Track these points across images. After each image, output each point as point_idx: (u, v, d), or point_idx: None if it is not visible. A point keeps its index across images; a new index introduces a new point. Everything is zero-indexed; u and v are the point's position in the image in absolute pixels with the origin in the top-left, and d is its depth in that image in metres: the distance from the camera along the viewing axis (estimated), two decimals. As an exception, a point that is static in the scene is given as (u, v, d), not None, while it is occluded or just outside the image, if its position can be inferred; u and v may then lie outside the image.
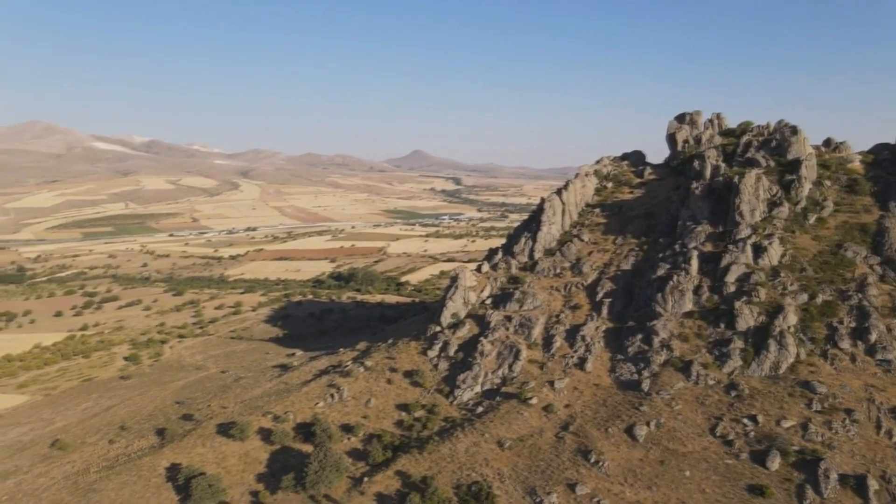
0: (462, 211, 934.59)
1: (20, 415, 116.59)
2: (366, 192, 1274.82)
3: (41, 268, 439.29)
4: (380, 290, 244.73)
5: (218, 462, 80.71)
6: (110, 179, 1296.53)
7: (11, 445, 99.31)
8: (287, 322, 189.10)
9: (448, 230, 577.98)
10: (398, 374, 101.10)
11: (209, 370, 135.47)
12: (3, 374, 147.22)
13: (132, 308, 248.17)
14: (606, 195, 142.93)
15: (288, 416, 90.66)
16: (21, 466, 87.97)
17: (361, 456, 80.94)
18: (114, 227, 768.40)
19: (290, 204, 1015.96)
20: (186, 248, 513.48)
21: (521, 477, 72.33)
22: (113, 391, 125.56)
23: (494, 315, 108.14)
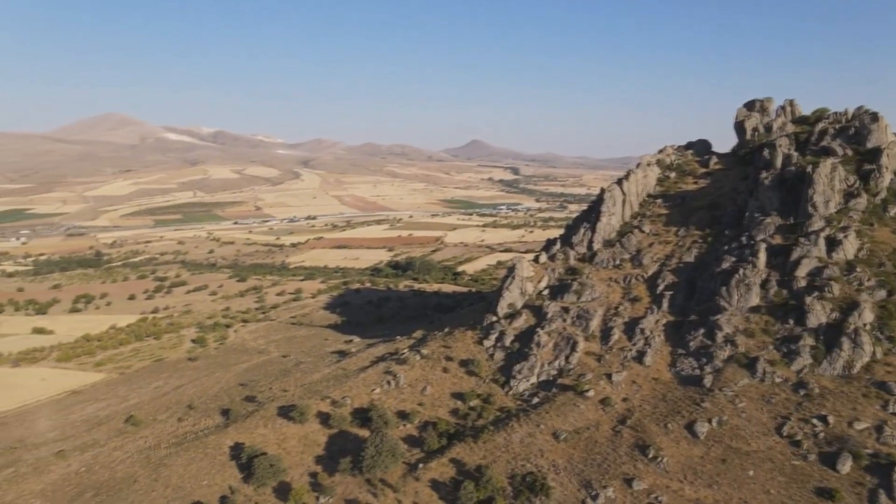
0: (520, 201, 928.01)
1: (98, 391, 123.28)
2: (424, 181, 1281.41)
3: (116, 253, 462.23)
4: (436, 280, 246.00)
5: (279, 443, 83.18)
6: (180, 169, 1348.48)
7: (90, 420, 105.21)
8: (345, 309, 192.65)
9: (505, 220, 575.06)
10: (454, 362, 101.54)
11: (271, 354, 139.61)
12: (83, 352, 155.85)
13: (199, 293, 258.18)
14: (669, 185, 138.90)
15: (346, 401, 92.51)
16: (98, 440, 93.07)
17: (417, 443, 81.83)
18: (183, 214, 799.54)
19: (350, 193, 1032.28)
20: (250, 236, 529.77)
21: (576, 469, 71.60)
22: (181, 372, 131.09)
23: (551, 306, 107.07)
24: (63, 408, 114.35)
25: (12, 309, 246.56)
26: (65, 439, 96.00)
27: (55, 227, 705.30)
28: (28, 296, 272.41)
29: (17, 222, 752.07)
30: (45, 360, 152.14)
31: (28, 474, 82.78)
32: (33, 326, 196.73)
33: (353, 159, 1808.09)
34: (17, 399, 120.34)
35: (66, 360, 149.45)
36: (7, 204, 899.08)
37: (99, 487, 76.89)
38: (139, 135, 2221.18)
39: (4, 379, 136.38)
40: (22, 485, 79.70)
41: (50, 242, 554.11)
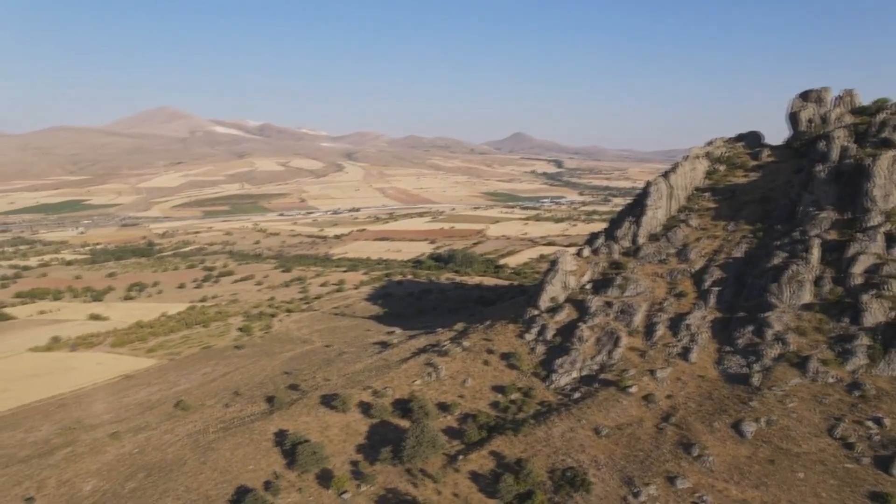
0: (563, 194, 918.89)
1: (150, 376, 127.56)
2: (466, 174, 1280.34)
3: (167, 243, 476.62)
4: (478, 272, 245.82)
5: (321, 431, 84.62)
6: (227, 161, 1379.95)
7: (142, 403, 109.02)
8: (387, 301, 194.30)
9: (548, 213, 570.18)
10: (495, 355, 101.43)
11: (314, 344, 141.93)
12: (136, 338, 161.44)
13: (245, 282, 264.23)
14: (718, 178, 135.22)
15: (387, 391, 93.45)
16: (150, 423, 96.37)
17: (457, 434, 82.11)
18: (230, 206, 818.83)
19: (392, 185, 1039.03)
20: (294, 227, 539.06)
21: (618, 466, 70.75)
22: (228, 359, 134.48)
23: (594, 300, 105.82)
24: (117, 391, 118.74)
25: (71, 295, 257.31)
26: (119, 421, 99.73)
27: (110, 218, 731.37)
28: (85, 283, 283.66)
29: (75, 212, 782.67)
30: (101, 345, 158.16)
31: (85, 454, 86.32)
32: (90, 313, 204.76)
33: (396, 152, 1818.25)
34: (74, 382, 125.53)
35: (120, 346, 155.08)
36: (66, 195, 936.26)
37: (151, 468, 79.69)
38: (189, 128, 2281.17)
39: (63, 362, 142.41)
40: (79, 464, 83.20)
41: (105, 232, 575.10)
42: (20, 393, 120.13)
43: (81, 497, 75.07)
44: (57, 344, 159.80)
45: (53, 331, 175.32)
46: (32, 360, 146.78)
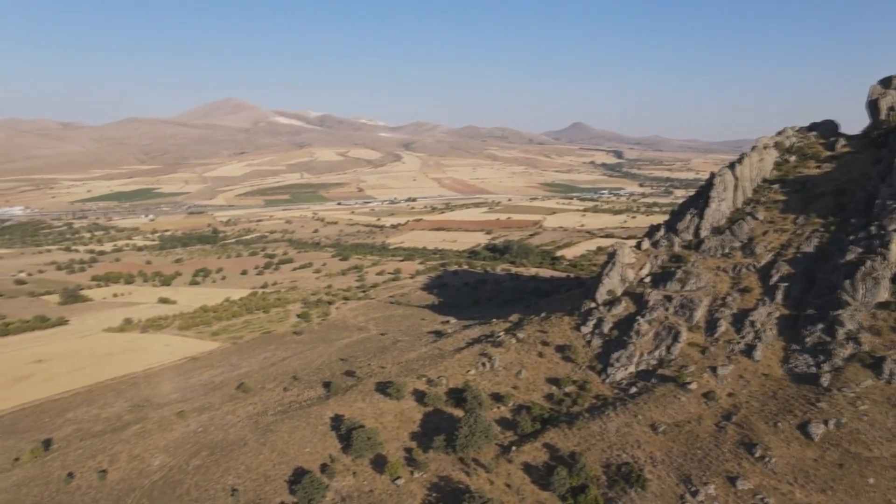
0: (622, 185, 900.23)
1: (213, 359, 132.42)
2: (523, 164, 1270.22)
3: (231, 230, 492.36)
4: (534, 264, 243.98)
5: (376, 417, 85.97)
6: (288, 151, 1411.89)
7: (206, 384, 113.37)
8: (442, 290, 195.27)
9: (607, 205, 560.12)
10: (550, 347, 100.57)
11: (370, 332, 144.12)
12: (201, 322, 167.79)
13: (304, 270, 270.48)
14: (788, 170, 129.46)
15: (441, 380, 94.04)
16: (213, 403, 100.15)
17: (510, 425, 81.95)
18: (290, 195, 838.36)
19: (449, 175, 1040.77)
20: (352, 217, 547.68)
21: (675, 463, 69.12)
22: (287, 345, 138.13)
23: (653, 294, 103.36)
24: (183, 372, 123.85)
25: (142, 280, 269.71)
26: (185, 401, 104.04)
27: (178, 206, 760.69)
28: (155, 268, 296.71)
29: (146, 200, 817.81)
30: (169, 327, 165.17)
31: (153, 431, 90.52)
32: (159, 296, 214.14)
33: (453, 142, 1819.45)
34: (145, 362, 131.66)
35: (186, 329, 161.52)
36: (138, 183, 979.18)
37: (214, 447, 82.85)
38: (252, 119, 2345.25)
39: (135, 343, 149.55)
40: (148, 440, 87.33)
41: (173, 220, 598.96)
42: (96, 371, 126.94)
43: (150, 471, 78.80)
44: (129, 325, 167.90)
45: (126, 313, 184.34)
46: (107, 340, 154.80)
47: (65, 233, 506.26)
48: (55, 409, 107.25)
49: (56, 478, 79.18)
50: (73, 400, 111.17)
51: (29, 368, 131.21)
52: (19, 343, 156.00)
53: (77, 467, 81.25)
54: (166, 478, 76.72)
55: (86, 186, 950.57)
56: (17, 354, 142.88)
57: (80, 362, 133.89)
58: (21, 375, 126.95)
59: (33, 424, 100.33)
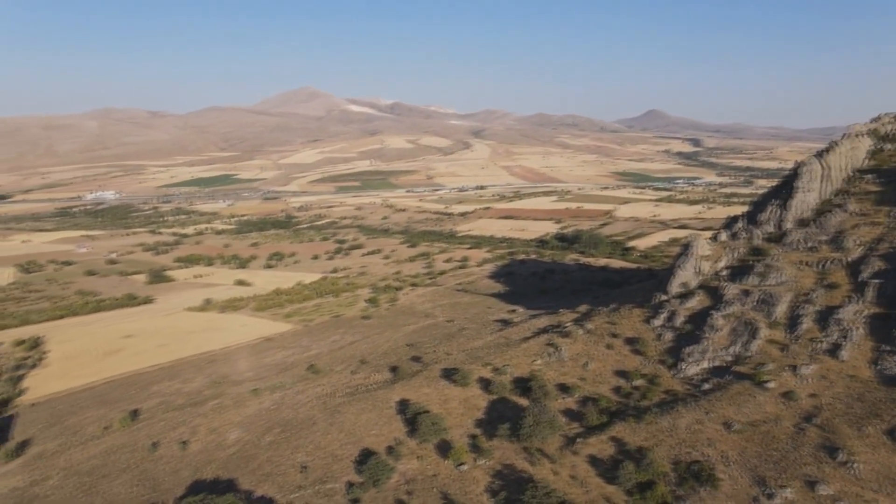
0: (700, 175, 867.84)
1: (285, 340, 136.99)
2: (595, 153, 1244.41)
3: (304, 216, 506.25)
4: (604, 254, 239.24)
5: (441, 403, 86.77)
6: (360, 139, 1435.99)
7: (279, 364, 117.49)
8: (510, 279, 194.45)
9: (682, 195, 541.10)
10: (619, 339, 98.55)
11: (437, 318, 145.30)
12: (274, 304, 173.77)
13: (373, 256, 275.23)
14: (884, 159, 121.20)
15: (506, 369, 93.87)
16: (285, 383, 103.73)
17: (576, 417, 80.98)
18: (361, 182, 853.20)
19: (518, 164, 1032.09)
20: (421, 204, 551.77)
21: (749, 464, 66.49)
22: (356, 329, 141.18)
23: (730, 288, 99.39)
24: (258, 352, 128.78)
25: (220, 262, 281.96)
26: (259, 379, 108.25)
27: (254, 192, 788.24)
28: (232, 251, 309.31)
29: (224, 186, 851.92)
30: (245, 308, 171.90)
31: (230, 406, 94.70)
32: (236, 278, 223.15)
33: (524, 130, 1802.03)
34: (223, 341, 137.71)
35: (261, 311, 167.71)
36: (218, 170, 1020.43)
37: (285, 424, 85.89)
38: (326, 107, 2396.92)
39: (214, 322, 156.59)
40: (225, 415, 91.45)
41: (250, 205, 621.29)
42: (178, 347, 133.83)
43: (227, 444, 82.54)
44: (209, 305, 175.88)
45: (206, 293, 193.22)
46: (188, 319, 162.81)
47: (151, 216, 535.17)
48: (142, 381, 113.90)
49: (142, 446, 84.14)
50: (157, 374, 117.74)
51: (119, 343, 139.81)
52: (111, 319, 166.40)
53: (161, 437, 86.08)
54: (241, 451, 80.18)
55: (170, 172, 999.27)
56: (108, 329, 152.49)
57: (164, 339, 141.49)
58: (112, 349, 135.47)
59: (122, 395, 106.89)
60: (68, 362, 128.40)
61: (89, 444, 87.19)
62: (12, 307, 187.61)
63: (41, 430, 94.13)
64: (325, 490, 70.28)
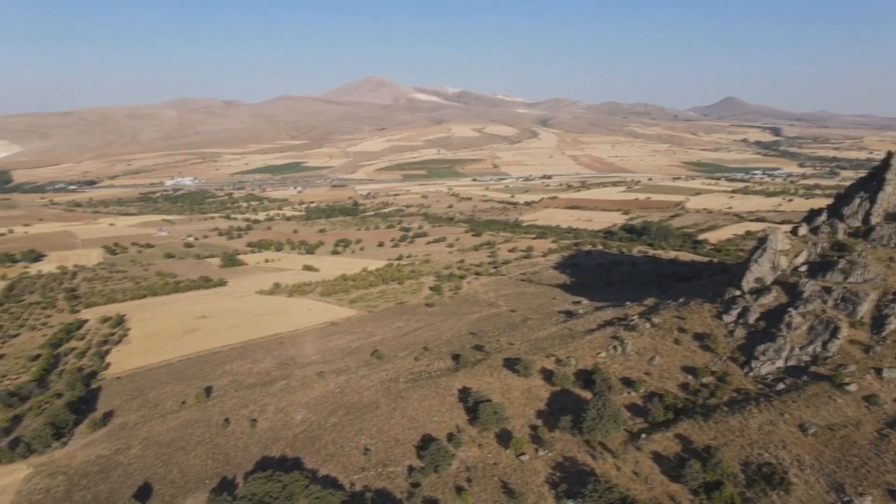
0: (778, 165, 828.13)
1: (350, 325, 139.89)
2: (667, 142, 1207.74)
3: (370, 204, 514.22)
4: (674, 247, 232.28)
5: (503, 392, 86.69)
6: (426, 127, 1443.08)
7: (344, 349, 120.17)
8: (575, 270, 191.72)
9: (759, 186, 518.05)
10: (687, 335, 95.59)
11: (500, 308, 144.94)
12: (340, 290, 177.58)
13: (438, 244, 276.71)
14: None
15: (570, 360, 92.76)
16: (350, 367, 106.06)
17: (640, 412, 79.27)
18: (427, 170, 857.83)
19: (586, 153, 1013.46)
20: (486, 193, 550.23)
21: (825, 469, 63.40)
22: (419, 316, 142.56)
23: (809, 284, 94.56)
24: (324, 336, 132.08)
25: (289, 247, 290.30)
26: (324, 363, 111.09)
27: (323, 179, 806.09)
28: (301, 237, 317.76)
29: (294, 173, 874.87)
30: (312, 293, 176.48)
31: (297, 388, 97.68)
32: (304, 264, 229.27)
33: (592, 118, 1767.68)
34: (290, 324, 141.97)
35: (327, 296, 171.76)
36: (288, 157, 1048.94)
37: (349, 407, 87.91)
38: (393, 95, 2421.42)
39: (282, 306, 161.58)
40: (292, 395, 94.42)
41: (318, 192, 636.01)
42: (249, 329, 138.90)
43: (293, 424, 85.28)
44: (277, 289, 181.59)
45: (275, 278, 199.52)
46: (258, 302, 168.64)
47: (225, 202, 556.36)
48: (215, 360, 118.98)
49: (215, 422, 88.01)
50: (229, 354, 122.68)
51: (195, 323, 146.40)
52: (187, 300, 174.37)
53: (232, 414, 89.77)
54: (307, 431, 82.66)
55: (243, 160, 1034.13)
56: (185, 310, 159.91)
57: (236, 320, 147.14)
58: (188, 329, 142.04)
59: (197, 373, 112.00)
60: (148, 340, 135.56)
61: (168, 418, 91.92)
62: (100, 286, 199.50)
63: (124, 403, 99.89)
64: (387, 473, 71.64)
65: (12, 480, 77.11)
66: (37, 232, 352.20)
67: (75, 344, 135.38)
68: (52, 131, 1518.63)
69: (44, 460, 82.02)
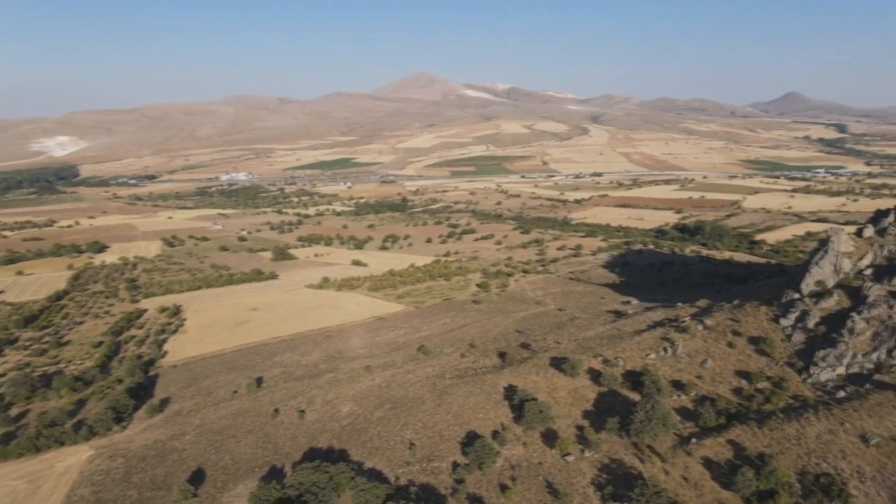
0: (843, 164, 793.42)
1: (397, 320, 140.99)
2: (723, 139, 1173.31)
3: (418, 200, 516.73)
4: (728, 247, 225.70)
5: (549, 391, 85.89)
6: (475, 124, 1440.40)
7: (390, 343, 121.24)
8: (624, 269, 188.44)
9: (822, 185, 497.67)
10: (741, 338, 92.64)
11: (547, 306, 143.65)
12: (388, 285, 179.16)
13: (485, 241, 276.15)
14: None
15: (618, 361, 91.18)
16: (396, 362, 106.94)
17: (691, 416, 77.30)
18: (475, 167, 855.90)
19: (638, 150, 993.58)
20: (535, 190, 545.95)
21: (888, 482, 60.51)
22: (466, 312, 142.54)
23: (874, 289, 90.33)
24: (371, 330, 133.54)
25: (338, 242, 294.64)
26: (371, 357, 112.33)
27: (372, 175, 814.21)
28: (350, 232, 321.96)
29: (344, 169, 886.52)
30: (360, 288, 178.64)
31: (344, 381, 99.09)
32: (352, 259, 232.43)
33: (645, 115, 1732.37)
34: (338, 318, 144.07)
35: (375, 291, 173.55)
36: (338, 154, 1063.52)
37: (395, 402, 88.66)
38: (442, 92, 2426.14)
39: (331, 300, 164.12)
40: (339, 388, 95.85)
41: (367, 188, 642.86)
42: (298, 322, 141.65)
43: (340, 416, 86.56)
44: (326, 284, 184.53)
45: (324, 272, 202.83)
46: (308, 295, 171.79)
47: (277, 197, 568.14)
48: (265, 352, 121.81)
49: (265, 412, 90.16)
50: (279, 346, 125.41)
51: (247, 315, 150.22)
52: (240, 292, 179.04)
53: (282, 405, 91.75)
54: (353, 424, 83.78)
55: (295, 156, 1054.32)
56: (238, 302, 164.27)
57: (286, 313, 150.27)
58: (241, 320, 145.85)
59: (248, 363, 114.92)
60: (203, 330, 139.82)
61: (220, 406, 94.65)
62: (158, 277, 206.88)
63: (180, 390, 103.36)
64: (431, 468, 71.96)
65: (75, 461, 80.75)
66: (101, 224, 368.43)
67: (135, 332, 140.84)
68: (117, 127, 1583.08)
69: (105, 443, 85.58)
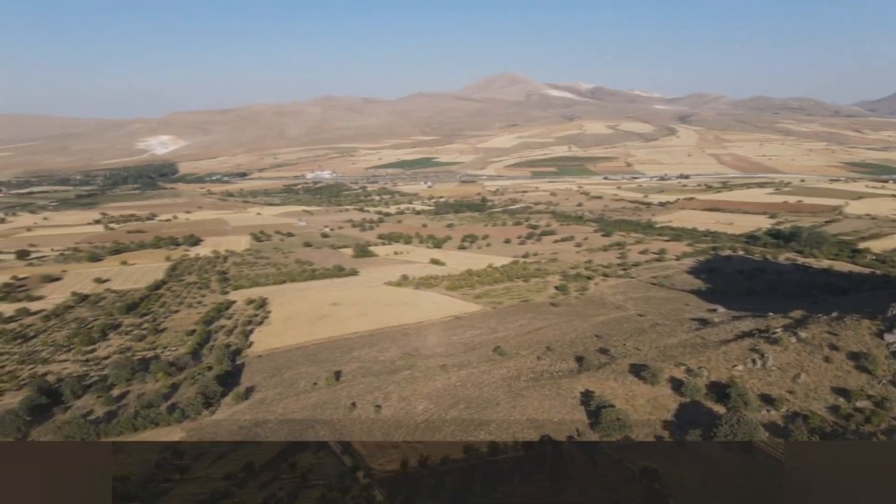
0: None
1: (474, 320, 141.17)
2: (825, 140, 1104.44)
3: (498, 200, 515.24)
4: (828, 255, 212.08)
5: (627, 399, 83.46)
6: (558, 124, 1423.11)
7: (466, 343, 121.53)
8: (711, 276, 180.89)
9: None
10: (840, 353, 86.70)
11: (627, 311, 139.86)
12: (465, 285, 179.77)
13: (565, 243, 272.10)
14: None
15: (701, 371, 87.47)
16: (471, 362, 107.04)
17: (780, 433, 73.04)
18: (557, 167, 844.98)
19: (730, 152, 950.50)
20: (618, 192, 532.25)
21: None
22: (543, 315, 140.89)
23: None
24: (447, 329, 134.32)
25: (418, 241, 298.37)
26: (447, 356, 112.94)
27: (452, 175, 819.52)
28: (429, 231, 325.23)
29: (425, 169, 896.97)
30: (438, 287, 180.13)
31: (419, 378, 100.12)
32: (431, 258, 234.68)
33: (738, 115, 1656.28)
34: (415, 316, 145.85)
35: (452, 290, 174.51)
36: (419, 153, 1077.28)
37: (470, 402, 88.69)
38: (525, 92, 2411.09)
39: (409, 298, 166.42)
40: (415, 386, 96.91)
41: (447, 187, 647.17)
42: (377, 318, 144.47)
43: (415, 413, 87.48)
44: (405, 281, 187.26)
45: (403, 270, 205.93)
46: (387, 292, 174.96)
47: (359, 195, 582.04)
48: (345, 346, 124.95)
49: (343, 405, 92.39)
50: (358, 341, 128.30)
51: (328, 310, 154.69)
52: (321, 287, 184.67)
53: (358, 399, 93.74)
54: (428, 422, 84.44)
55: (378, 155, 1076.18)
56: (320, 297, 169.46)
57: (365, 309, 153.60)
58: (322, 315, 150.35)
59: (328, 357, 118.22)
60: (286, 323, 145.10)
61: (300, 397, 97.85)
62: (246, 270, 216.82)
63: (264, 380, 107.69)
64: (504, 470, 71.37)
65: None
66: (196, 219, 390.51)
67: (224, 322, 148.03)
68: (213, 127, 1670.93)
69: (195, 426, 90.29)
